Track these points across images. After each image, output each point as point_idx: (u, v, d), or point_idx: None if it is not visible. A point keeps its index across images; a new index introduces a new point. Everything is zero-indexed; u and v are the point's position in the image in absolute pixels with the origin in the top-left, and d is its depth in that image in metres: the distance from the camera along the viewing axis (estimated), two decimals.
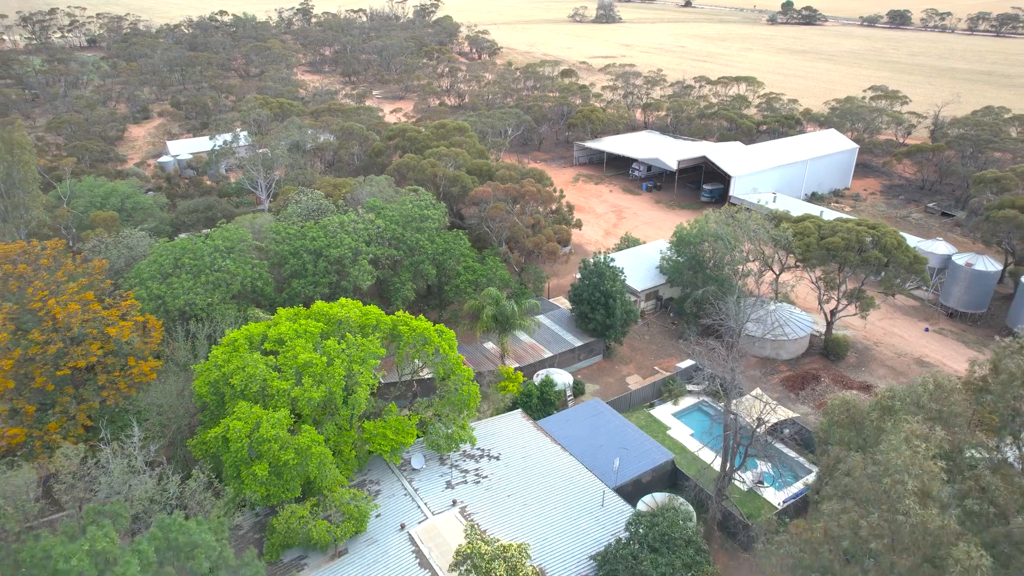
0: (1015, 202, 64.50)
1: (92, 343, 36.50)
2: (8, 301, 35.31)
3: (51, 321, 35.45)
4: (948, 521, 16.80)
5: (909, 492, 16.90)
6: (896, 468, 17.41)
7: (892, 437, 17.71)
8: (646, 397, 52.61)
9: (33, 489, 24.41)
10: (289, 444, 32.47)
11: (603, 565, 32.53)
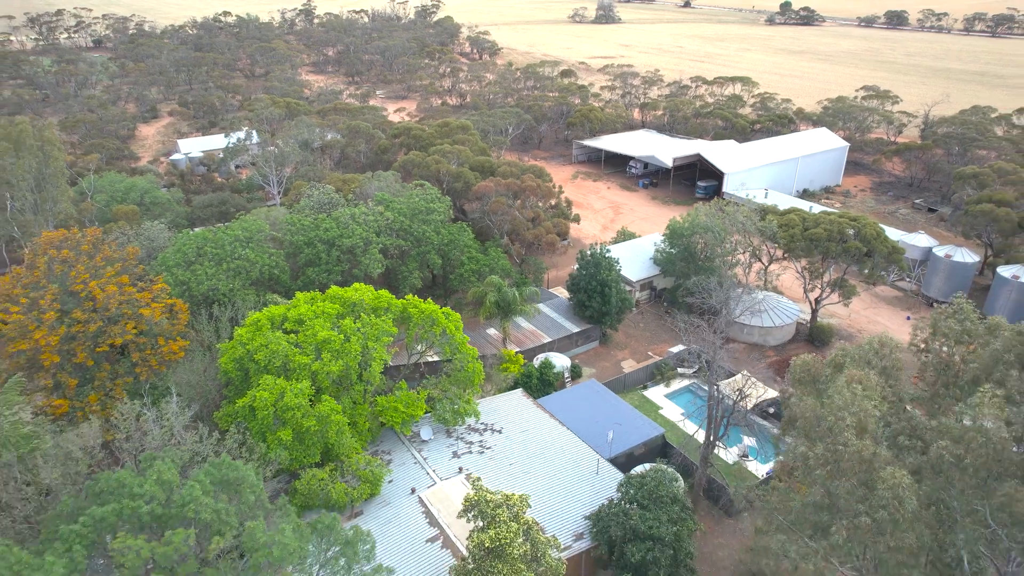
0: (992, 197, 67.67)
1: (127, 323, 39.68)
2: (54, 283, 38.50)
3: (91, 302, 38.65)
4: (880, 450, 19.92)
5: (848, 427, 20.05)
6: (838, 407, 20.59)
7: (837, 383, 20.90)
8: (639, 380, 55.80)
9: (97, 437, 27.61)
10: (311, 412, 35.65)
11: (596, 523, 35.72)
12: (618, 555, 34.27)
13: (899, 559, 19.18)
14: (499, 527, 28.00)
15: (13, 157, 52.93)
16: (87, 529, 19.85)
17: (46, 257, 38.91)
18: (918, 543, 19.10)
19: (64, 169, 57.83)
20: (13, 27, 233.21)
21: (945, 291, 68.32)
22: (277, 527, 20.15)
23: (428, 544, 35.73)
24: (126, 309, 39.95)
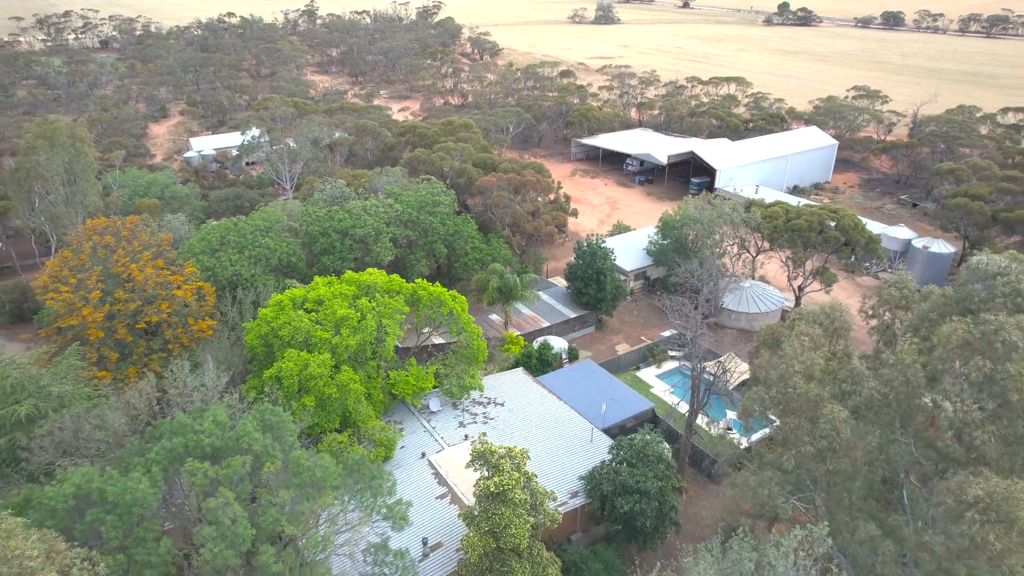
0: (967, 192, 71.48)
1: (162, 303, 43.49)
2: (97, 266, 42.27)
3: (130, 283, 42.45)
4: (823, 392, 23.64)
5: (796, 372, 23.77)
6: (788, 357, 24.34)
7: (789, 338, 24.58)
8: (632, 361, 59.62)
9: (153, 391, 31.43)
10: (332, 381, 39.46)
11: (590, 481, 39.54)
12: (609, 508, 38.07)
13: (838, 481, 22.92)
14: (503, 475, 31.78)
15: (48, 153, 56.77)
16: (161, 457, 23.58)
17: (91, 242, 42.73)
18: (853, 467, 22.88)
19: (94, 164, 61.65)
20: (22, 28, 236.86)
21: (924, 280, 72.03)
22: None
23: (438, 500, 39.60)
24: (160, 291, 43.77)
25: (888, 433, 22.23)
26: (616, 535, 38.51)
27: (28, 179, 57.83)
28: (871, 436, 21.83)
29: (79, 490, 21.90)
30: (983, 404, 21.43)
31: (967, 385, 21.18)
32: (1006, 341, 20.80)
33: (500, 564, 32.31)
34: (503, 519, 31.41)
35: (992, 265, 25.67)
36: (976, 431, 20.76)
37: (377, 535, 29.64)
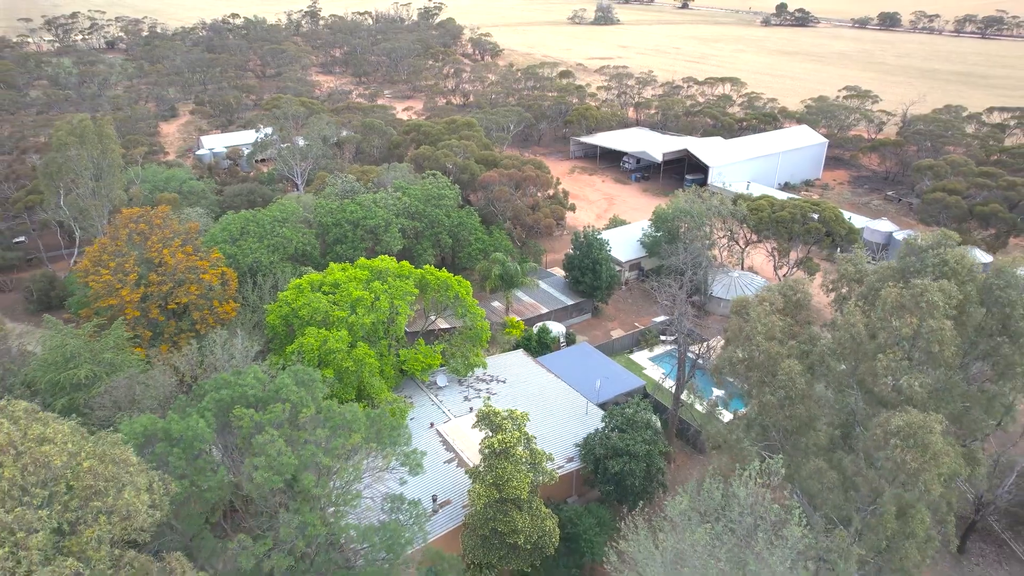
0: (945, 187, 75.25)
1: (191, 286, 47.28)
2: (133, 251, 46.04)
3: (162, 267, 46.23)
4: (781, 349, 27.29)
5: (759, 333, 27.45)
6: (753, 320, 28.02)
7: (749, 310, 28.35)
8: (626, 345, 63.41)
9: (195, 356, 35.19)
10: (349, 356, 43.23)
11: (584, 446, 43.33)
12: (601, 471, 41.82)
13: (794, 425, 26.59)
14: (505, 433, 35.55)
15: (78, 149, 60.54)
16: (212, 405, 27.26)
17: (127, 230, 46.48)
18: (808, 414, 26.53)
19: (119, 160, 65.41)
20: (30, 29, 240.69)
21: None
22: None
23: (445, 464, 43.40)
24: (189, 275, 47.55)
25: (837, 384, 25.84)
26: (608, 496, 42.25)
27: (59, 173, 61.63)
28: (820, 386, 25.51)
29: (146, 430, 25.61)
30: (911, 355, 25.12)
31: (899, 339, 24.86)
32: (929, 301, 24.49)
33: (502, 514, 36.03)
34: (505, 473, 35.17)
35: (924, 241, 29.38)
36: (904, 378, 24.46)
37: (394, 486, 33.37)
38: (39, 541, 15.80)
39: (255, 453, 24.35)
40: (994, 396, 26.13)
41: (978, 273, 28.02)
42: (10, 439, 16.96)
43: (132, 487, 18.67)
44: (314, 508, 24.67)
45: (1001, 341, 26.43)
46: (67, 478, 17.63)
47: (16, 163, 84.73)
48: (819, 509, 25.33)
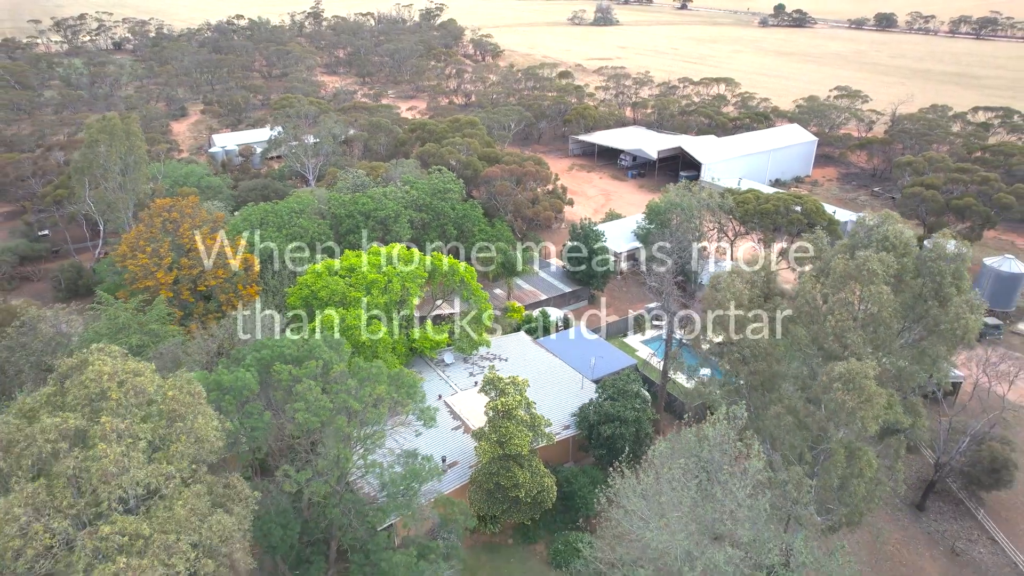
0: (923, 182, 79.45)
1: (218, 270, 51.51)
2: (167, 237, 50.28)
3: (193, 252, 50.45)
4: (747, 314, 31.47)
5: (729, 298, 31.66)
6: (723, 289, 32.27)
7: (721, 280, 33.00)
8: (620, 329, 67.61)
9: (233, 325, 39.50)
10: (365, 330, 47.45)
11: (579, 415, 47.58)
12: (594, 435, 46.05)
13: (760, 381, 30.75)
14: (508, 396, 39.79)
15: (107, 145, 64.73)
16: (254, 362, 31.41)
17: (161, 218, 50.70)
18: (770, 370, 30.66)
19: (145, 156, 69.63)
20: (40, 31, 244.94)
21: None
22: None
23: (453, 431, 47.64)
24: (216, 260, 51.76)
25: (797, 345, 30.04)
26: (601, 459, 46.40)
27: (90, 168, 65.80)
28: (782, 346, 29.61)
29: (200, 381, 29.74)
30: (856, 316, 29.19)
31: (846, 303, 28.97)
32: (870, 270, 28.57)
33: (505, 470, 40.31)
34: (508, 432, 39.44)
35: (872, 220, 33.54)
36: (849, 335, 28.54)
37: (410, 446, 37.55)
38: (143, 446, 19.85)
39: (295, 399, 28.51)
40: (924, 350, 30.26)
41: (914, 247, 32.26)
42: (114, 369, 21.04)
43: (204, 416, 22.78)
44: (346, 446, 28.82)
45: (932, 305, 30.55)
46: (156, 403, 21.70)
47: (41, 160, 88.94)
48: (779, 450, 29.52)
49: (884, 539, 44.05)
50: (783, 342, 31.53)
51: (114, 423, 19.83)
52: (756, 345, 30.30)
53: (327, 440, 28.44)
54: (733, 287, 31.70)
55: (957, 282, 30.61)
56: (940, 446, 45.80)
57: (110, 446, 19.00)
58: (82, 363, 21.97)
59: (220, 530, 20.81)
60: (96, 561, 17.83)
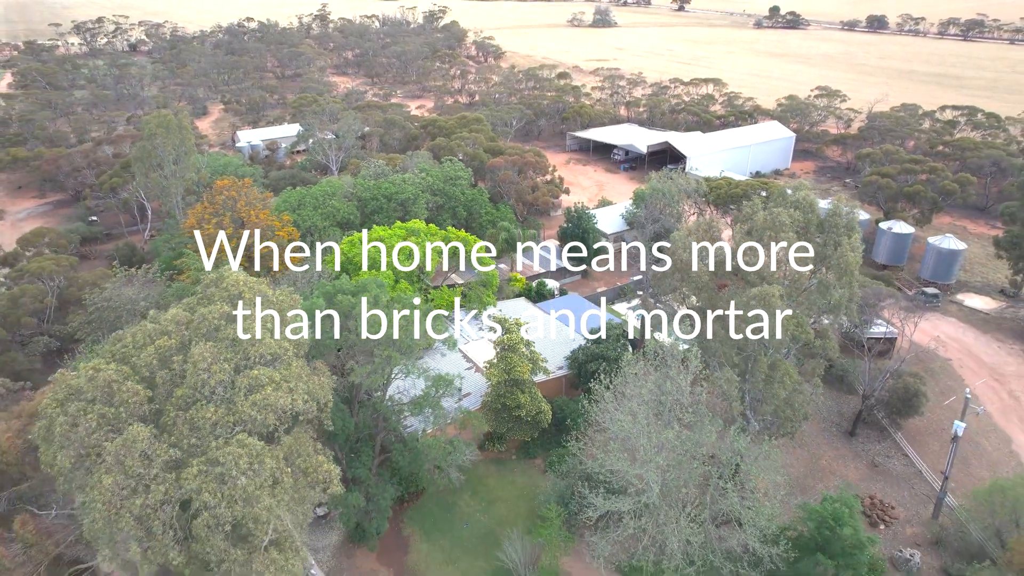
0: (880, 171, 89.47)
1: (271, 238, 61.58)
2: (227, 212, 60.34)
3: (248, 224, 60.51)
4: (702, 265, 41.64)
5: (684, 251, 41.74)
6: (675, 241, 42.21)
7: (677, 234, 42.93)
8: (609, 297, 77.61)
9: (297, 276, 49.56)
10: (394, 288, 57.49)
11: (570, 357, 57.62)
12: (583, 373, 56.04)
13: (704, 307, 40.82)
14: (512, 333, 49.82)
15: (163, 138, 74.75)
16: (321, 294, 41.30)
17: (222, 196, 60.76)
18: (711, 299, 40.72)
19: (193, 147, 79.72)
20: (59, 33, 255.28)
21: None
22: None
23: (466, 371, 57.73)
24: (267, 231, 61.86)
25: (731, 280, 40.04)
26: (588, 392, 56.33)
27: (148, 158, 75.83)
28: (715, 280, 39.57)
29: None
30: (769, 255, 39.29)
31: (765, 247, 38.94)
32: (780, 221, 38.55)
33: (509, 393, 50.28)
34: (512, 361, 49.48)
35: (788, 187, 43.34)
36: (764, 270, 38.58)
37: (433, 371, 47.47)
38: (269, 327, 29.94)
39: (355, 318, 38.51)
40: (822, 282, 39.98)
41: (817, 207, 42.23)
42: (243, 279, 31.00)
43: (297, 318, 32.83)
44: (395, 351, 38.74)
45: (829, 248, 40.35)
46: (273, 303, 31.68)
47: (91, 153, 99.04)
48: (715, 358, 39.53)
49: (819, 456, 54.21)
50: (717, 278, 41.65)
51: (252, 311, 29.85)
52: (700, 279, 40.21)
53: (380, 347, 38.32)
54: (684, 240, 41.67)
55: (848, 232, 40.50)
56: (865, 383, 55.85)
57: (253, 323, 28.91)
58: (219, 277, 31.82)
59: (319, 385, 30.64)
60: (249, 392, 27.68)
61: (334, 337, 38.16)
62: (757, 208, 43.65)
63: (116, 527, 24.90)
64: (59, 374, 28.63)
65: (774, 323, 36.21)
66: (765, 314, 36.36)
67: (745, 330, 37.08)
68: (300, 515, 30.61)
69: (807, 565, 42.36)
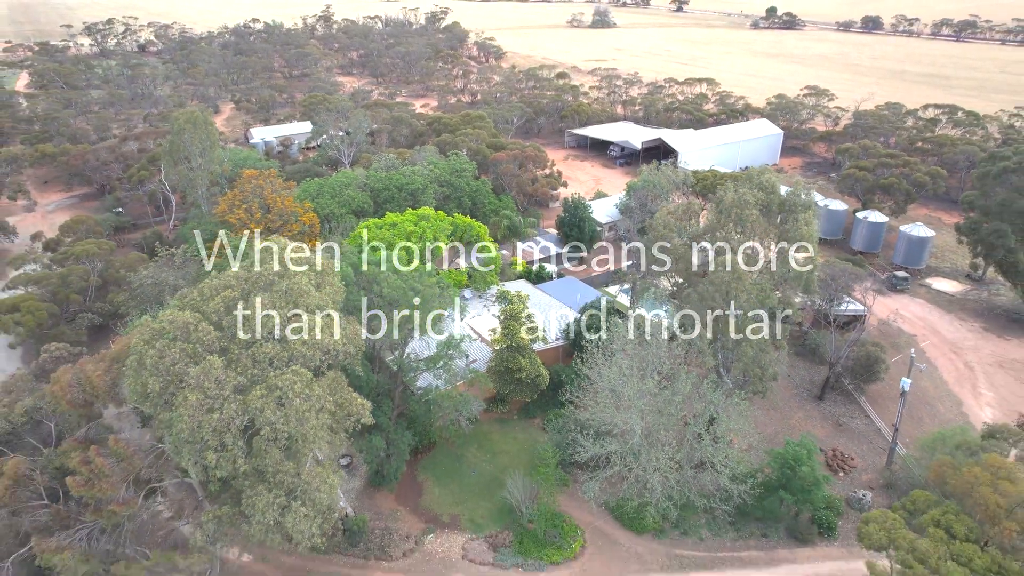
0: (858, 165, 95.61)
1: (293, 224, 67.76)
2: (255, 198, 66.54)
3: (275, 209, 66.67)
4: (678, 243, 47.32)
5: (659, 225, 47.55)
6: (656, 219, 48.01)
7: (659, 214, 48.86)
8: (603, 280, 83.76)
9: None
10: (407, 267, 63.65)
11: (566, 330, 63.80)
12: (577, 343, 62.14)
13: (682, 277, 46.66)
14: (514, 304, 55.99)
15: (191, 133, 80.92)
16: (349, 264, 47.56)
17: (251, 184, 66.97)
18: (688, 269, 46.61)
19: (218, 141, 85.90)
20: (71, 34, 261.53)
21: (826, 231, 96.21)
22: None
23: (472, 342, 63.80)
24: (290, 216, 68.07)
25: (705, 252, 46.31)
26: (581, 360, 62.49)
27: (177, 152, 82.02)
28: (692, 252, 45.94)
29: None
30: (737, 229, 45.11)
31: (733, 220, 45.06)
32: (744, 199, 44.53)
33: (511, 357, 56.42)
34: (513, 329, 55.65)
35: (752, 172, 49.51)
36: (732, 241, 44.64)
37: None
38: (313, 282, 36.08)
39: (381, 282, 44.69)
40: (781, 250, 46.06)
41: (778, 188, 48.34)
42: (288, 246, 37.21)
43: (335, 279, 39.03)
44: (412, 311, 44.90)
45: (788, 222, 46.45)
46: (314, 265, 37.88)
47: (117, 148, 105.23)
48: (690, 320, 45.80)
49: (790, 416, 60.40)
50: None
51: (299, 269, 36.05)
52: (677, 252, 46.36)
53: (401, 307, 44.47)
54: (663, 218, 47.85)
55: (804, 210, 46.58)
56: (832, 352, 62.02)
57: (301, 279, 35.10)
58: (267, 248, 38.05)
59: (354, 332, 36.88)
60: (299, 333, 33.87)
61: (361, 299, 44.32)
62: (728, 190, 49.84)
63: (197, 436, 31.05)
64: (144, 319, 34.81)
65: (739, 286, 42.39)
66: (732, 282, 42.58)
67: (714, 294, 43.29)
68: (336, 443, 36.77)
69: (772, 502, 48.62)
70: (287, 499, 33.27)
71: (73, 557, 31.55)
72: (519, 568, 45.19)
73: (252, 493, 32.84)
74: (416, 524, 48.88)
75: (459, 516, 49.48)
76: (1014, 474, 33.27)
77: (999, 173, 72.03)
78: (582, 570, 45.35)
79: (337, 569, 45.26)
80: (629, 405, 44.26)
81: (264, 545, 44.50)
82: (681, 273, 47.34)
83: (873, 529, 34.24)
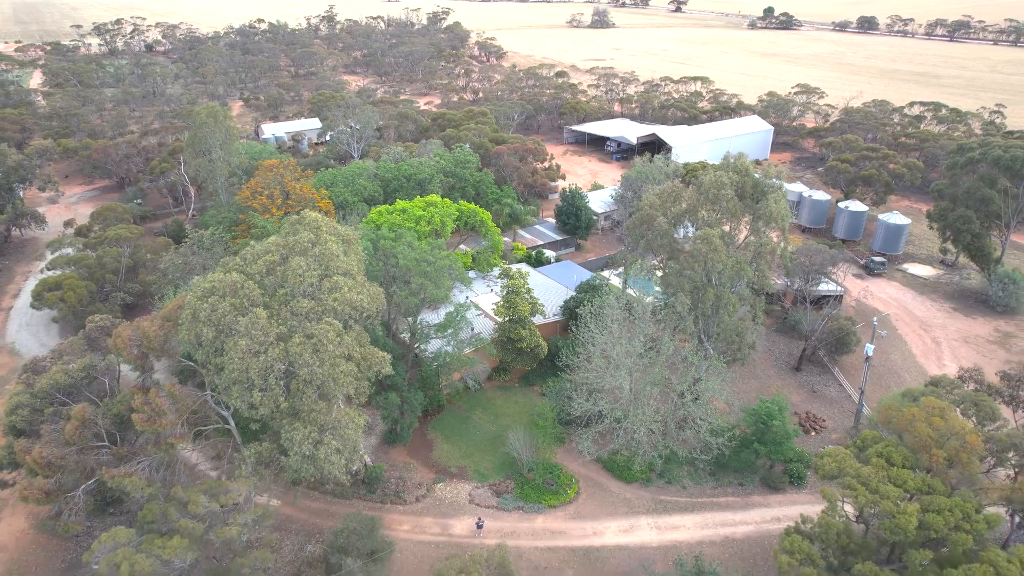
0: (841, 158, 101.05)
1: (311, 210, 73.10)
2: (275, 185, 71.95)
3: (294, 195, 72.10)
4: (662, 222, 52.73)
5: (646, 207, 52.72)
6: (644, 201, 53.32)
7: (646, 195, 54.09)
8: (599, 265, 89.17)
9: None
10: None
11: (563, 306, 69.24)
12: (573, 318, 67.53)
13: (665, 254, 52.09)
14: (516, 280, 61.41)
15: (211, 127, 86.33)
16: (367, 239, 52.71)
17: (272, 172, 72.39)
18: (670, 247, 52.00)
19: (236, 135, 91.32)
20: (80, 34, 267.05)
21: (811, 220, 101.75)
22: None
23: (477, 317, 69.28)
24: (308, 203, 73.49)
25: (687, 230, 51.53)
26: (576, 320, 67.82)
27: (198, 145, 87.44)
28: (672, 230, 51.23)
29: None
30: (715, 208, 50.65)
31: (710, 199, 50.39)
32: (721, 180, 50.11)
33: (513, 329, 61.84)
34: (514, 302, 61.08)
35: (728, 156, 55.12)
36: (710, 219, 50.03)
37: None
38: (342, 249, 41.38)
39: (397, 255, 50.11)
40: (754, 226, 51.49)
41: (752, 172, 53.80)
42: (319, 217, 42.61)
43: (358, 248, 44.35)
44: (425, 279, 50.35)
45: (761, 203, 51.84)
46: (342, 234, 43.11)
47: (137, 142, 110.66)
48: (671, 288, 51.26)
49: (768, 384, 65.84)
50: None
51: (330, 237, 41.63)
52: (659, 230, 51.83)
53: (415, 277, 49.87)
54: (649, 199, 53.25)
55: (775, 193, 51.95)
56: (808, 326, 67.45)
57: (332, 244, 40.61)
58: (301, 218, 43.45)
59: (376, 293, 42.33)
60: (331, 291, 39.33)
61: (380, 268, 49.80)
62: (708, 173, 55.25)
63: (245, 377, 36.47)
64: (195, 280, 40.32)
65: (715, 258, 47.81)
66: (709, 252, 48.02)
67: (694, 265, 48.71)
68: (361, 389, 42.20)
69: (747, 455, 54.06)
70: (320, 434, 38.68)
71: (140, 479, 36.96)
72: (520, 510, 50.59)
73: (290, 428, 38.27)
74: (427, 474, 54.30)
75: (466, 467, 54.92)
76: (945, 413, 38.70)
77: (966, 163, 77.44)
78: (576, 512, 50.76)
79: (357, 511, 50.66)
80: (618, 364, 49.68)
81: (292, 490, 50.19)
82: (665, 248, 52.76)
83: (827, 462, 39.70)
